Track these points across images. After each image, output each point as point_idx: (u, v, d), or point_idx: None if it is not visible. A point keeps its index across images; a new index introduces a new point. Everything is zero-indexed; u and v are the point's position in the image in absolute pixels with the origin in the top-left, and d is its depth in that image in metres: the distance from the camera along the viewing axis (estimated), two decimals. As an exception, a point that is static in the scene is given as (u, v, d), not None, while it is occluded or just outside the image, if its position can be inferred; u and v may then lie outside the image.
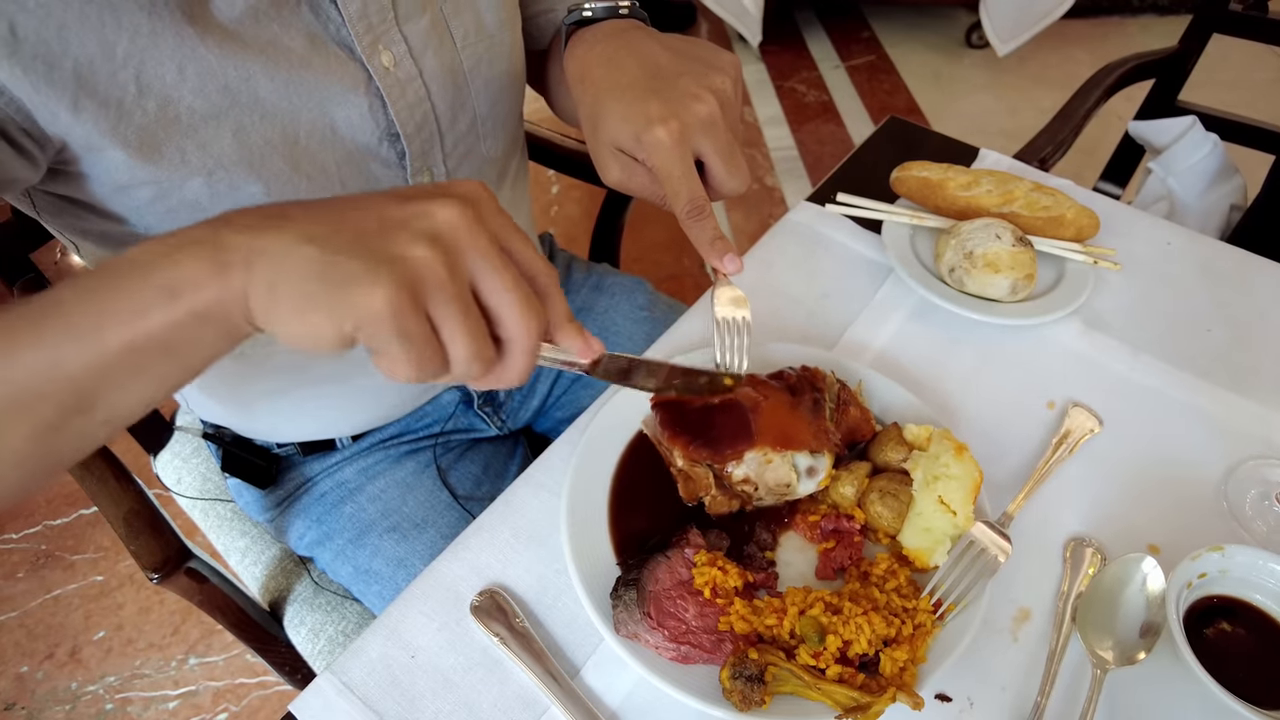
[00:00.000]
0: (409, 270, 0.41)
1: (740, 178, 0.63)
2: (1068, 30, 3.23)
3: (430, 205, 0.44)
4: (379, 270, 0.40)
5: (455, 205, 0.44)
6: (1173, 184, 1.48)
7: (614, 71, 0.66)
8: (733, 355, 0.67)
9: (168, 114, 0.58)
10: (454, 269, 0.43)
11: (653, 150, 0.61)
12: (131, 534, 0.84)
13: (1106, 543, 0.72)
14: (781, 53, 3.42)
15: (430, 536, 0.90)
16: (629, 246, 1.50)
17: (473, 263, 0.44)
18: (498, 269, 0.44)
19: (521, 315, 0.45)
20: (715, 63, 0.65)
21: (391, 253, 0.41)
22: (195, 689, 1.67)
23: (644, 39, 0.68)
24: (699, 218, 0.62)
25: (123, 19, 0.54)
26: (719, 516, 0.70)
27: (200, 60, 0.57)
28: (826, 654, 0.60)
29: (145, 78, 0.56)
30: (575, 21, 0.73)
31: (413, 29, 0.69)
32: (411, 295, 0.41)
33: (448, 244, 0.43)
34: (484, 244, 0.44)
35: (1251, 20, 1.45)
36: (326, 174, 0.68)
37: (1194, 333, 0.91)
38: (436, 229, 0.43)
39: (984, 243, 0.88)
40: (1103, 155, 1.67)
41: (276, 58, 0.61)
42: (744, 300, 0.67)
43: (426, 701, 0.63)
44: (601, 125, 0.64)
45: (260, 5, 0.60)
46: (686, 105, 0.61)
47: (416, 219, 0.43)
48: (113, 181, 0.61)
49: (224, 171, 0.62)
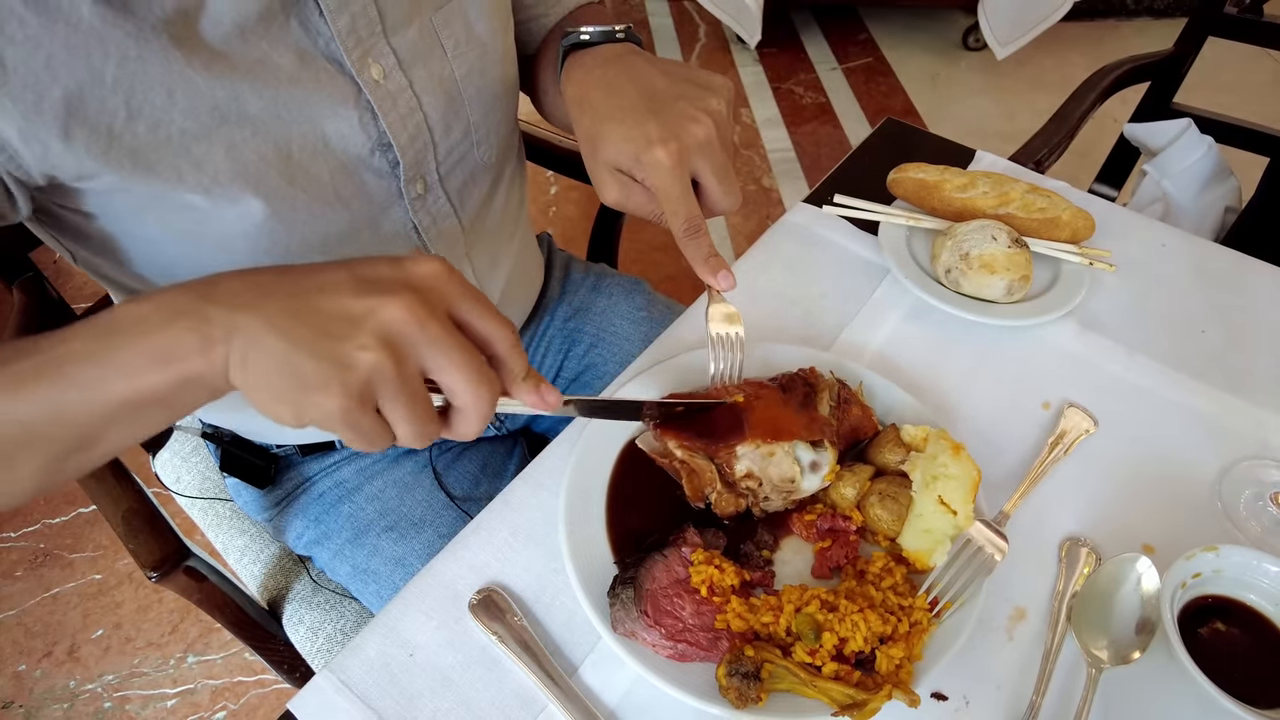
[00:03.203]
0: (359, 376, 0.45)
1: (734, 197, 0.66)
2: (1064, 33, 3.24)
3: (384, 301, 0.46)
4: (333, 379, 0.45)
5: (407, 301, 0.46)
6: (1168, 186, 1.49)
7: (612, 95, 0.67)
8: (727, 370, 0.70)
9: (159, 135, 0.58)
10: (401, 365, 0.46)
11: (652, 170, 0.63)
12: (130, 533, 0.84)
13: (1102, 542, 0.73)
14: (779, 55, 3.43)
15: (428, 536, 0.91)
16: (627, 247, 1.50)
17: (422, 353, 0.47)
18: (446, 353, 0.47)
19: (471, 389, 0.48)
20: (710, 85, 0.67)
21: (345, 358, 0.45)
22: (194, 687, 1.67)
23: (640, 63, 0.69)
24: (695, 236, 0.64)
25: (110, 46, 0.54)
26: (726, 518, 0.70)
27: (188, 82, 0.58)
28: (823, 651, 0.60)
29: (135, 102, 0.56)
30: (572, 44, 0.74)
31: (401, 41, 0.70)
32: (360, 399, 0.46)
33: (396, 342, 0.46)
34: (434, 333, 0.47)
35: (1246, 23, 1.45)
36: (321, 185, 0.68)
37: (1189, 334, 0.91)
38: (387, 329, 0.46)
39: (980, 244, 0.88)
40: (1098, 157, 1.67)
41: (265, 75, 0.61)
42: (737, 316, 0.70)
43: (425, 700, 0.63)
44: (601, 146, 0.65)
45: (248, 23, 0.60)
46: (684, 127, 0.63)
47: (369, 317, 0.46)
48: (108, 202, 0.61)
49: (220, 188, 0.62)
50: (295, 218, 0.67)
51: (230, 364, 0.46)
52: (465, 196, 0.83)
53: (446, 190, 0.80)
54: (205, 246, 0.66)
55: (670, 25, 3.61)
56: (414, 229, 0.78)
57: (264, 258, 0.68)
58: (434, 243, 0.81)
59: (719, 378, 0.71)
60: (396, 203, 0.75)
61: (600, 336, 1.08)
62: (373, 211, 0.74)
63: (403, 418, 0.48)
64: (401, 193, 0.75)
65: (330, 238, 0.71)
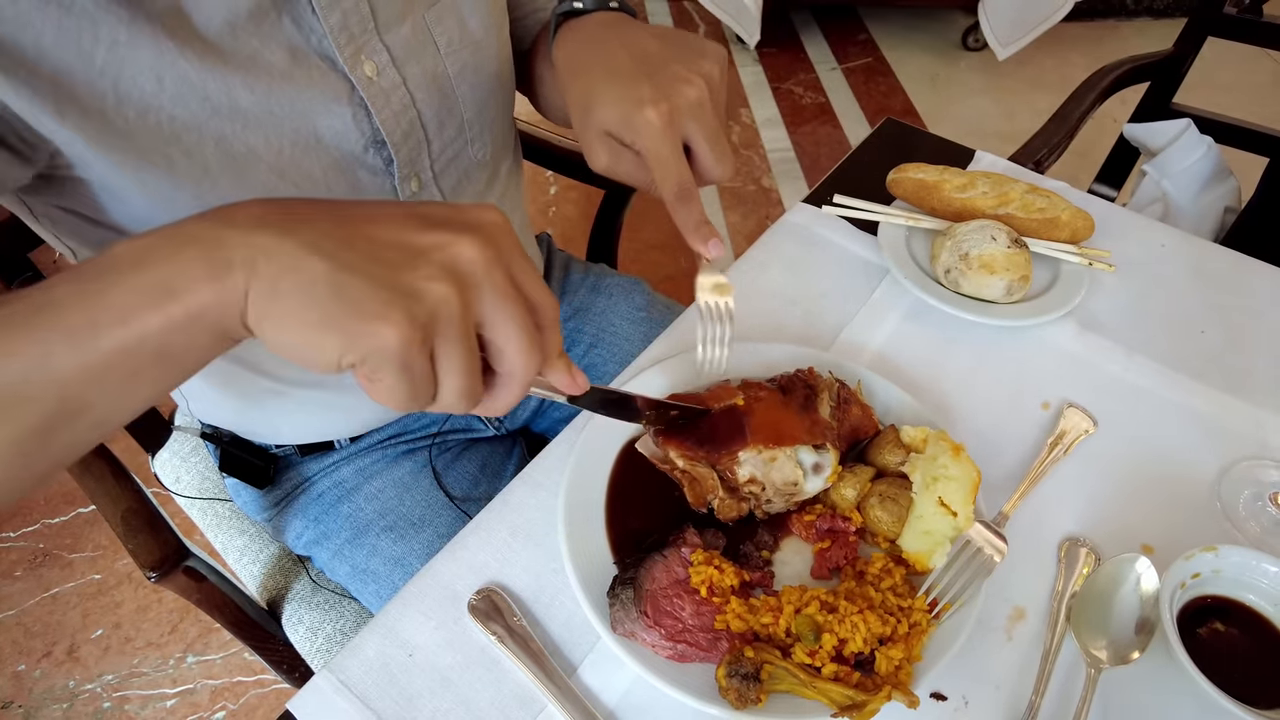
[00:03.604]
0: (426, 308, 0.40)
1: (726, 164, 0.64)
2: (1064, 33, 3.24)
3: (453, 238, 0.43)
4: (395, 304, 0.40)
5: (478, 241, 0.43)
6: (1167, 186, 1.49)
7: (605, 59, 0.66)
8: (715, 344, 0.67)
9: (148, 122, 0.58)
10: (467, 308, 0.42)
11: (643, 131, 0.61)
12: (129, 533, 0.84)
13: (1101, 543, 0.73)
14: (779, 55, 3.43)
15: (428, 536, 0.91)
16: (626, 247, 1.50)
17: (484, 299, 0.43)
18: (509, 305, 0.43)
19: (524, 352, 0.45)
20: (703, 50, 0.66)
21: (411, 286, 0.40)
22: (193, 687, 1.67)
23: (634, 29, 0.69)
24: (686, 201, 0.62)
25: (100, 31, 0.54)
26: (729, 521, 0.70)
27: (179, 72, 0.57)
28: (822, 652, 0.60)
29: (123, 86, 0.56)
30: (565, 13, 0.73)
31: (394, 38, 0.69)
32: (424, 333, 0.41)
33: (466, 281, 0.42)
34: (500, 281, 0.43)
35: (1246, 24, 1.45)
36: (313, 181, 0.68)
37: (1188, 334, 0.91)
38: (458, 265, 0.42)
39: (979, 244, 0.88)
40: (1098, 158, 1.67)
41: (257, 71, 0.61)
42: (727, 287, 0.66)
43: (424, 700, 0.63)
44: (592, 109, 0.64)
45: (239, 19, 0.59)
46: (676, 88, 0.62)
47: (438, 250, 0.42)
48: (106, 190, 0.61)
49: (211, 181, 0.62)
50: None
51: (251, 294, 0.40)
52: (460, 194, 0.83)
53: (441, 188, 0.80)
54: None
55: (670, 25, 3.61)
56: None
57: None
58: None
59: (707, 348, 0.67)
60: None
61: (600, 337, 1.08)
62: None
63: (456, 368, 0.42)
64: (396, 190, 0.75)
65: None
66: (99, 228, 0.64)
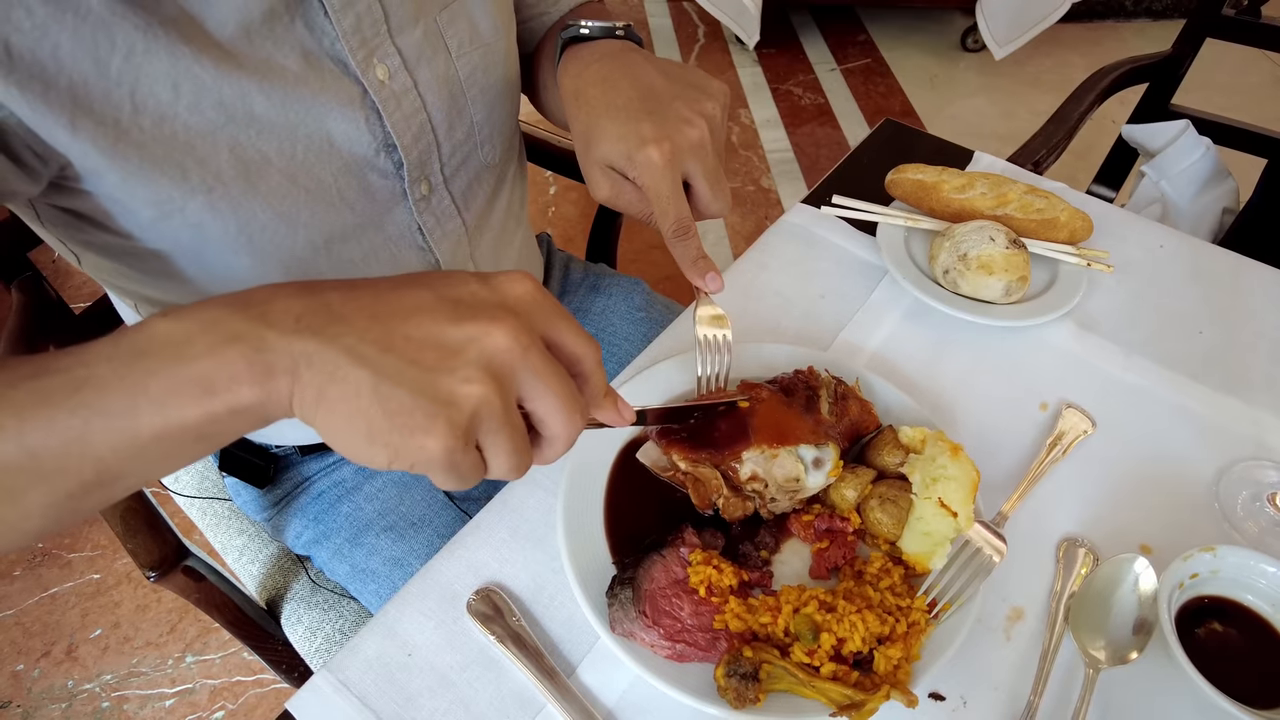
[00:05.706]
0: (466, 413, 0.41)
1: (723, 201, 0.66)
2: (1062, 34, 3.25)
3: (486, 328, 0.43)
4: (438, 415, 0.41)
5: (509, 328, 0.43)
6: (1166, 187, 1.49)
7: (609, 92, 0.67)
8: (714, 373, 0.70)
9: (164, 131, 0.58)
10: (507, 397, 0.43)
11: (644, 169, 0.63)
12: (129, 532, 0.84)
13: (1099, 543, 0.73)
14: (778, 55, 3.43)
15: (427, 536, 0.91)
16: (626, 247, 1.50)
17: (521, 381, 0.44)
18: (547, 382, 0.44)
19: (566, 418, 0.45)
20: (707, 89, 0.67)
21: (450, 393, 0.41)
22: (192, 687, 1.67)
23: (639, 61, 0.69)
24: (684, 238, 0.64)
25: (117, 39, 0.54)
26: (735, 522, 0.70)
27: (195, 78, 0.57)
28: (821, 652, 0.60)
29: (140, 95, 0.56)
30: (571, 38, 0.74)
31: (406, 41, 0.70)
32: (466, 438, 0.42)
33: (503, 373, 0.43)
34: (535, 363, 0.44)
35: (1244, 25, 1.46)
36: (324, 185, 0.68)
37: (1186, 335, 0.91)
38: (494, 360, 0.42)
39: (978, 245, 0.88)
40: (1096, 159, 1.68)
41: (271, 76, 0.61)
42: (725, 319, 0.70)
43: (423, 700, 0.63)
44: (595, 143, 0.65)
45: (253, 24, 0.59)
46: (678, 128, 0.63)
47: (473, 344, 0.42)
48: (115, 200, 0.61)
49: (223, 188, 0.62)
50: (298, 218, 0.67)
51: (297, 398, 0.42)
52: (470, 197, 0.83)
53: (451, 191, 0.80)
54: (209, 246, 0.66)
55: (669, 25, 3.61)
56: (418, 230, 0.78)
57: (268, 258, 0.68)
58: (438, 244, 0.81)
59: (706, 381, 0.71)
60: (401, 203, 0.75)
61: (599, 336, 1.08)
62: (377, 212, 0.74)
63: (503, 450, 0.44)
64: (406, 194, 0.75)
65: (334, 238, 0.72)
66: (107, 233, 0.64)
